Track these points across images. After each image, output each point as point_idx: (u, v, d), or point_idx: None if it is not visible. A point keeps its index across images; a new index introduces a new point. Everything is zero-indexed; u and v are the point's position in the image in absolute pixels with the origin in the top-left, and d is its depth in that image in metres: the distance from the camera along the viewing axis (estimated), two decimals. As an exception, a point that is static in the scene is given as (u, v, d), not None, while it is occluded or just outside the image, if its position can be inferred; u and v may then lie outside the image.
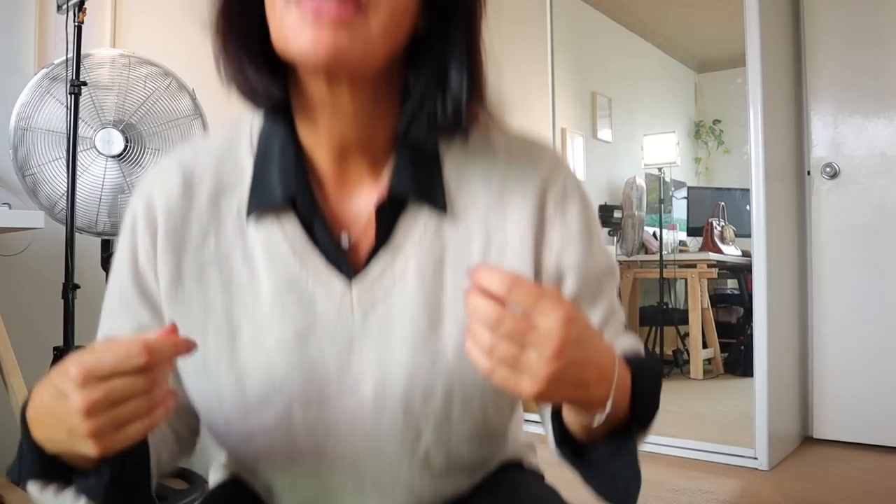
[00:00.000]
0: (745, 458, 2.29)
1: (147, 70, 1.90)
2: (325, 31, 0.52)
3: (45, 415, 0.50)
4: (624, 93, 4.71)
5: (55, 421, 0.49)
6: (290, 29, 0.54)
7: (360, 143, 0.61)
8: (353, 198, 0.63)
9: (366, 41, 0.54)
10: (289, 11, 0.54)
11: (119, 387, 0.47)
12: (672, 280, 4.38)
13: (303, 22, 0.53)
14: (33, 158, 1.75)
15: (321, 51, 0.52)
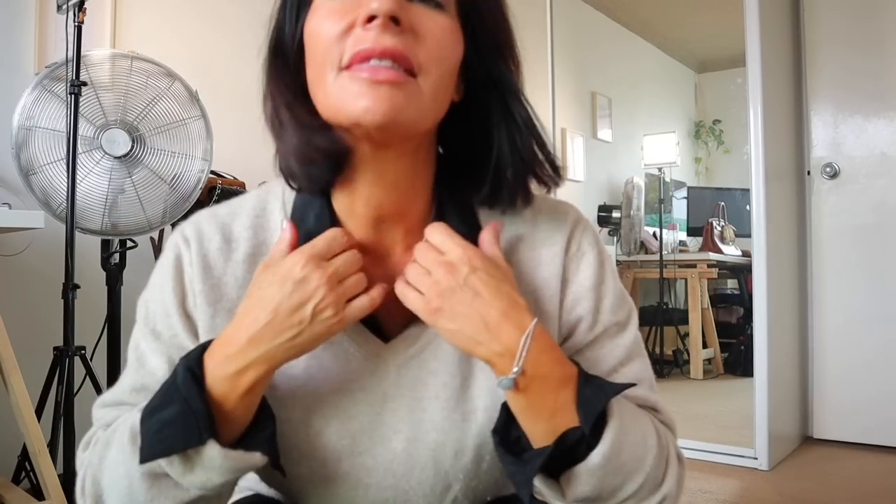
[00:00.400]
0: (745, 458, 2.29)
1: (151, 70, 1.90)
2: (381, 92, 0.54)
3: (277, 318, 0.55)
4: (624, 93, 4.71)
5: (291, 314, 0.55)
6: (345, 96, 0.55)
7: (396, 212, 0.63)
8: (385, 265, 0.64)
9: (419, 102, 0.56)
10: (341, 79, 0.55)
11: (341, 262, 0.57)
12: (672, 280, 4.38)
13: (359, 87, 0.54)
14: (36, 158, 1.75)
15: (379, 112, 0.54)
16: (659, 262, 4.10)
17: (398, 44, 0.54)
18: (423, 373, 0.63)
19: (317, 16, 0.57)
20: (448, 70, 0.58)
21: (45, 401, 1.72)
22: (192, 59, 2.43)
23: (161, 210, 1.91)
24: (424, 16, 0.56)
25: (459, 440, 0.62)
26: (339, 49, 0.55)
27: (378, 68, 0.54)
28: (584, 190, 4.25)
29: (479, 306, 0.56)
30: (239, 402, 0.56)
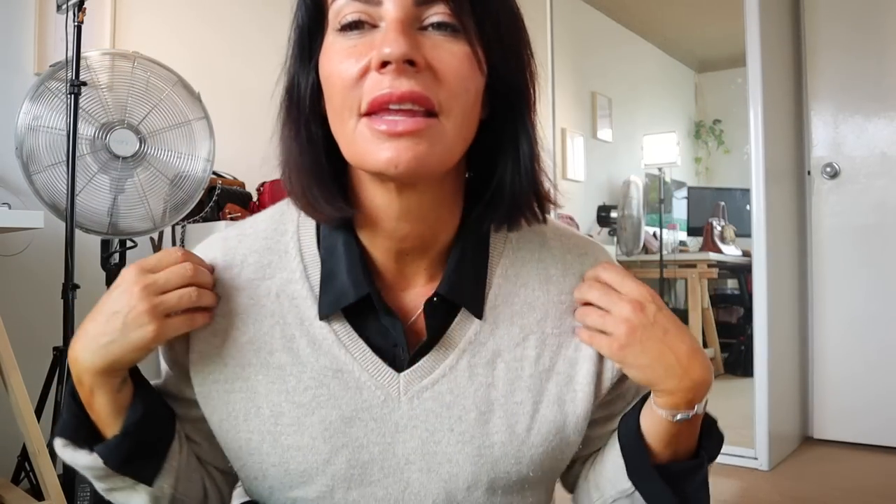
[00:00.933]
0: (745, 458, 2.29)
1: (155, 71, 1.90)
2: (402, 143, 0.52)
3: (98, 321, 0.57)
4: (624, 93, 4.70)
5: (107, 321, 0.56)
6: (365, 146, 0.54)
7: (420, 246, 0.62)
8: (406, 294, 0.64)
9: (443, 145, 0.54)
10: (361, 127, 0.54)
11: (164, 275, 0.57)
12: (672, 280, 4.37)
13: (379, 139, 0.53)
14: (41, 159, 1.75)
15: (402, 164, 0.52)
16: (659, 262, 4.10)
17: (415, 86, 0.52)
18: (437, 405, 0.61)
19: (331, 57, 0.56)
20: (471, 102, 0.56)
21: (45, 401, 1.72)
22: (192, 59, 2.43)
23: (164, 210, 1.91)
24: (441, 48, 0.54)
25: (474, 474, 0.62)
26: (356, 94, 0.54)
27: (397, 120, 0.52)
28: (584, 190, 4.25)
29: (671, 342, 0.60)
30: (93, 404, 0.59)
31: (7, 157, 2.03)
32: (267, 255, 0.64)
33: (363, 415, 0.61)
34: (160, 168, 1.89)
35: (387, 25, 0.53)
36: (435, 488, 0.61)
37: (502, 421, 0.62)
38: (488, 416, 0.62)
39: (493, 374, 0.62)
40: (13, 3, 2.08)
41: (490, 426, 0.62)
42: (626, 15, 4.62)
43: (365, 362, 0.61)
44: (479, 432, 0.62)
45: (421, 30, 0.54)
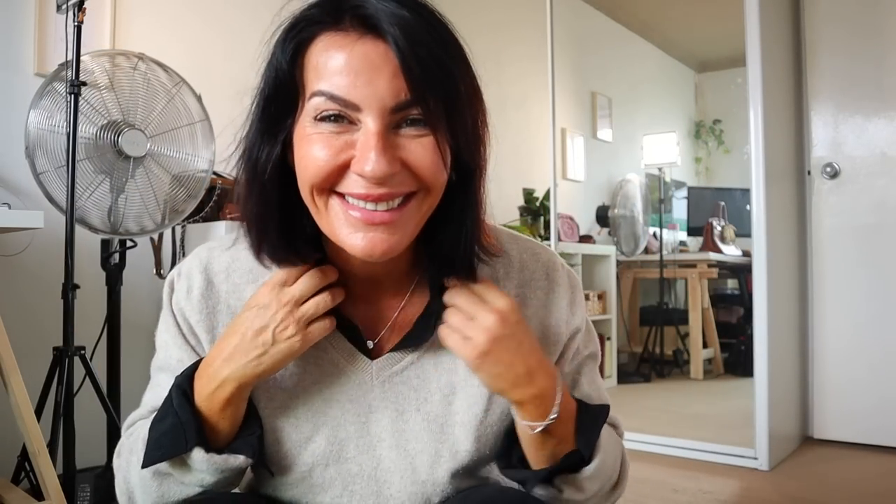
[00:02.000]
0: (745, 458, 2.29)
1: (159, 72, 1.91)
2: (378, 235, 0.59)
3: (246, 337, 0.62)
4: (624, 93, 4.70)
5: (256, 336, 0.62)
6: (339, 227, 0.60)
7: (385, 272, 0.69)
8: (373, 307, 0.71)
9: (413, 224, 0.61)
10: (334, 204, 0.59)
11: (299, 287, 0.63)
12: (672, 280, 4.37)
13: (354, 225, 0.59)
14: (49, 160, 1.75)
15: (377, 254, 0.59)
16: (659, 262, 4.10)
17: (392, 187, 0.58)
18: (405, 388, 0.69)
19: (310, 143, 0.58)
20: (442, 183, 0.61)
21: (45, 401, 1.72)
22: (192, 60, 2.43)
23: (165, 210, 1.91)
24: (415, 142, 0.58)
25: (437, 450, 0.69)
26: (332, 179, 0.58)
27: (374, 212, 0.58)
28: (584, 190, 4.25)
29: (524, 354, 0.63)
30: (220, 414, 0.64)
31: (7, 157, 2.03)
32: (249, 262, 0.70)
33: (341, 396, 0.68)
34: (162, 168, 1.90)
35: (366, 138, 0.56)
36: (403, 464, 0.68)
37: (462, 402, 0.69)
38: (451, 398, 0.69)
39: (455, 362, 0.69)
40: (13, 3, 2.08)
41: (452, 407, 0.69)
42: (626, 15, 4.62)
43: (343, 351, 0.69)
44: (443, 412, 0.69)
45: (395, 127, 0.58)
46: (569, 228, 3.72)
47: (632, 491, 2.04)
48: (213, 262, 0.71)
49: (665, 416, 2.96)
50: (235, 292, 0.70)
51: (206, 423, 0.64)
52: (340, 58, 0.56)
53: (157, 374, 0.73)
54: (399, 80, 0.56)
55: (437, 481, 0.69)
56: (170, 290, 0.72)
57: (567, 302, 0.74)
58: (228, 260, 0.71)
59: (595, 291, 3.75)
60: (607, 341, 3.75)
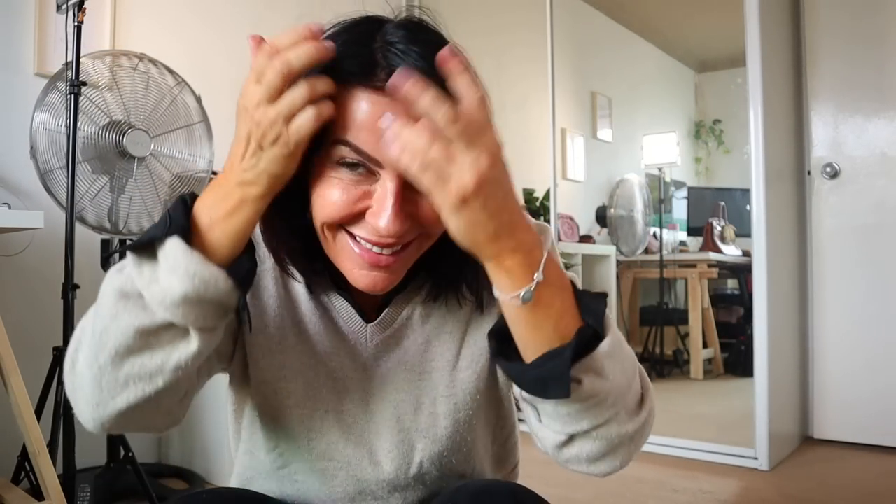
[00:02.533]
0: (745, 458, 2.29)
1: (160, 73, 1.91)
2: (381, 275, 0.61)
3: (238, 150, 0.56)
4: (624, 93, 4.70)
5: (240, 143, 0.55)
6: (346, 263, 0.62)
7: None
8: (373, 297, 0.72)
9: (412, 259, 0.64)
10: (343, 238, 0.61)
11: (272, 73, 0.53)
12: (672, 280, 4.37)
13: (359, 263, 0.61)
14: (52, 160, 1.75)
15: (378, 289, 0.62)
16: (659, 262, 4.10)
17: (401, 237, 0.60)
18: (393, 346, 0.74)
19: (329, 184, 0.59)
20: (443, 229, 0.58)
21: (45, 401, 1.72)
22: (192, 60, 2.43)
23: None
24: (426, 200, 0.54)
25: (417, 396, 0.73)
26: (345, 218, 0.60)
27: (379, 256, 0.60)
28: (583, 190, 4.25)
29: (510, 202, 0.54)
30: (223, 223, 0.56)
31: (7, 157, 2.03)
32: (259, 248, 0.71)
33: (340, 351, 0.73)
34: (162, 168, 1.90)
35: (385, 196, 0.57)
36: (388, 414, 0.73)
37: (436, 350, 0.74)
38: (426, 346, 0.74)
39: (434, 314, 0.74)
40: (13, 4, 2.08)
41: (427, 355, 0.74)
42: (626, 15, 4.62)
43: (342, 311, 0.73)
44: (419, 360, 0.74)
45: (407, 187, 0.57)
46: (569, 228, 3.72)
47: (632, 491, 2.04)
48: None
49: (665, 416, 2.95)
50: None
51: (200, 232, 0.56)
52: (370, 113, 0.56)
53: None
54: None
55: (420, 428, 0.73)
56: None
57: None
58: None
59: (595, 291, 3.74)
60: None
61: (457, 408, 0.73)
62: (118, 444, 1.89)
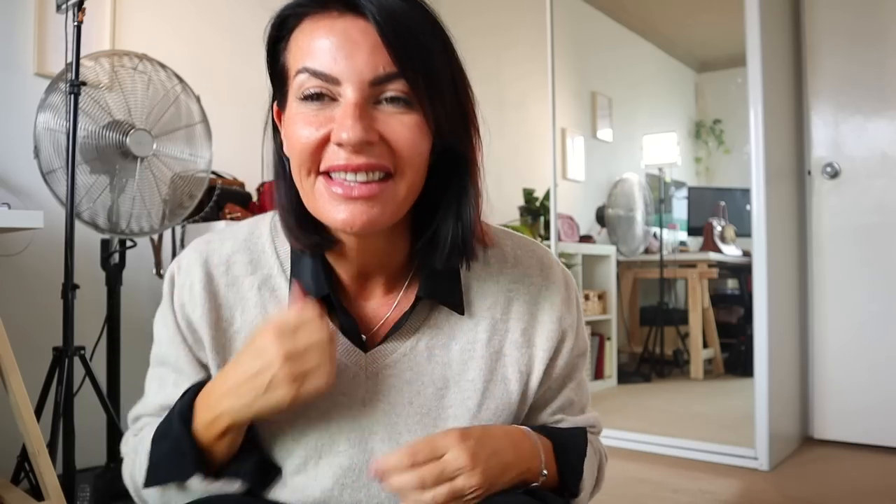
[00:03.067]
0: (745, 458, 2.29)
1: (160, 74, 1.91)
2: (358, 207, 0.59)
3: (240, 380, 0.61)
4: (624, 93, 4.70)
5: (251, 379, 0.60)
6: (323, 204, 0.61)
7: (378, 268, 0.70)
8: (368, 304, 0.72)
9: (394, 204, 0.61)
10: (319, 184, 0.61)
11: (304, 338, 0.60)
12: (672, 280, 4.37)
13: (335, 200, 0.60)
14: (54, 160, 1.74)
15: (357, 225, 0.60)
16: (659, 262, 4.10)
17: (370, 158, 0.59)
18: (398, 381, 0.69)
19: (294, 122, 0.61)
20: (421, 163, 0.62)
21: (45, 401, 1.72)
22: (192, 59, 2.43)
23: (164, 211, 1.91)
24: (395, 119, 0.60)
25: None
26: (314, 158, 0.60)
27: (353, 185, 0.59)
28: (584, 190, 4.25)
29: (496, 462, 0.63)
30: (217, 442, 0.64)
31: (7, 157, 2.03)
32: (248, 255, 0.71)
33: (333, 390, 0.65)
34: (162, 169, 1.90)
35: (344, 108, 0.59)
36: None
37: (456, 396, 0.69)
38: (444, 391, 0.69)
39: (448, 356, 0.70)
40: (13, 4, 2.08)
41: (445, 401, 0.69)
42: (626, 15, 4.62)
43: (338, 344, 0.68)
44: (435, 406, 0.69)
45: (376, 103, 0.60)
46: (569, 228, 3.72)
47: (632, 491, 2.04)
48: (212, 255, 0.72)
49: (665, 416, 2.96)
50: (234, 285, 0.70)
51: (204, 448, 0.65)
52: (322, 35, 0.59)
53: (157, 367, 0.74)
54: (378, 55, 0.58)
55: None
56: (170, 285, 0.72)
57: (561, 298, 0.74)
58: (228, 252, 0.72)
59: (595, 291, 3.75)
60: (607, 341, 3.74)
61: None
62: (118, 444, 1.88)
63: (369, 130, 0.58)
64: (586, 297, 3.65)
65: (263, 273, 0.71)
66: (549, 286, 0.74)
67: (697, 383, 3.85)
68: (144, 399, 0.75)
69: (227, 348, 0.70)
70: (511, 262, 0.74)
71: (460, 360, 0.70)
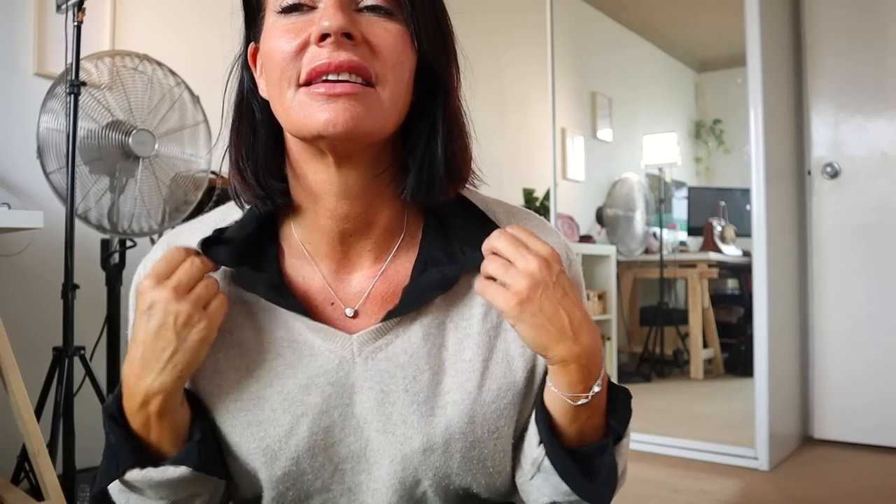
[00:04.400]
0: (745, 458, 2.29)
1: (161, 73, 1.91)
2: (340, 105, 0.56)
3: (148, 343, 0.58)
4: (624, 93, 4.70)
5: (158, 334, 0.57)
6: (305, 111, 0.57)
7: (364, 224, 0.64)
8: (352, 277, 0.66)
9: (378, 110, 0.57)
10: (300, 96, 0.57)
11: (184, 273, 0.58)
12: (672, 280, 4.37)
13: (317, 101, 0.56)
14: (57, 159, 1.74)
15: (340, 123, 0.55)
16: (659, 262, 4.10)
17: (353, 56, 0.56)
18: (391, 365, 0.63)
19: (271, 35, 0.59)
20: (405, 76, 0.60)
21: (45, 401, 1.72)
22: (192, 59, 2.43)
23: (164, 211, 1.91)
24: (377, 25, 0.58)
25: (428, 435, 0.62)
26: (295, 66, 0.57)
27: (335, 83, 0.55)
28: (584, 190, 4.25)
29: (567, 305, 0.59)
30: (156, 428, 0.60)
31: (7, 157, 2.03)
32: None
33: (319, 380, 0.62)
34: (162, 168, 1.90)
35: (325, 4, 0.57)
36: (391, 449, 0.62)
37: (454, 380, 0.63)
38: (440, 375, 0.63)
39: (443, 335, 0.64)
40: (13, 4, 2.08)
41: (442, 386, 0.63)
42: (626, 15, 4.62)
43: (317, 329, 0.63)
44: (433, 392, 0.63)
45: (357, 11, 0.58)
46: (569, 228, 3.72)
47: (632, 491, 2.04)
48: (177, 243, 0.67)
49: (665, 416, 2.96)
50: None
51: (144, 440, 0.61)
52: None
53: None
54: None
55: (429, 466, 0.63)
56: (136, 280, 0.68)
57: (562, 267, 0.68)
58: (192, 242, 0.67)
59: (595, 291, 3.75)
60: (607, 341, 3.74)
61: (475, 440, 0.64)
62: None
63: (351, 23, 0.56)
64: (587, 298, 3.65)
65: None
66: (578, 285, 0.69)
67: (697, 383, 3.85)
68: None
69: None
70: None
71: (455, 339, 0.64)
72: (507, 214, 0.70)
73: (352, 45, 0.56)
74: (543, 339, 0.58)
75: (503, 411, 0.64)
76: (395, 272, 0.65)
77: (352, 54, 0.56)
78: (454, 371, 0.63)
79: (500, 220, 0.68)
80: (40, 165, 1.73)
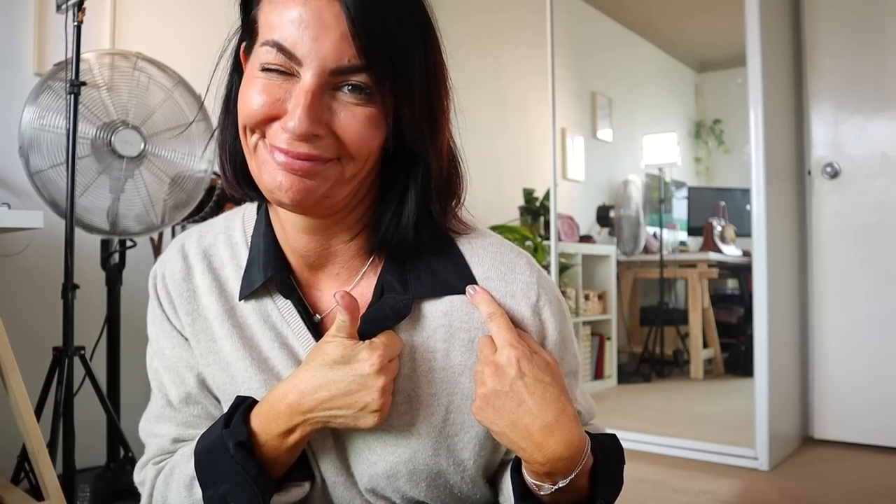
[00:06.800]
0: (745, 458, 2.29)
1: (156, 72, 1.91)
2: (295, 178, 0.57)
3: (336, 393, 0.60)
4: (624, 93, 4.70)
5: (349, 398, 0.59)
6: (263, 166, 0.58)
7: (324, 257, 0.66)
8: (322, 294, 0.68)
9: (334, 182, 0.59)
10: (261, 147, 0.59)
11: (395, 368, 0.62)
12: (672, 280, 4.37)
13: (275, 166, 0.57)
14: (44, 159, 1.74)
15: (290, 193, 0.57)
16: (659, 262, 4.10)
17: (312, 150, 0.56)
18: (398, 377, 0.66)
19: (249, 86, 0.59)
20: (369, 154, 0.59)
21: (45, 401, 1.72)
22: (192, 59, 2.43)
23: (164, 210, 1.91)
24: (348, 112, 0.57)
25: (392, 464, 0.65)
26: (261, 127, 0.58)
27: (294, 160, 0.57)
28: (584, 190, 4.25)
29: (524, 415, 0.58)
30: (286, 454, 0.62)
31: (7, 157, 2.03)
32: (224, 248, 0.71)
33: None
34: (161, 168, 1.90)
35: (297, 95, 0.56)
36: (359, 468, 0.66)
37: (419, 412, 0.64)
38: (407, 406, 0.64)
39: (412, 366, 0.65)
40: (13, 3, 2.08)
41: (408, 417, 0.64)
42: (626, 15, 4.62)
43: (302, 339, 0.66)
44: (398, 422, 0.64)
45: (335, 89, 0.57)
46: (569, 228, 3.72)
47: (632, 491, 2.04)
48: (192, 246, 0.72)
49: (665, 416, 2.96)
50: (211, 273, 0.70)
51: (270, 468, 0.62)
52: (293, 10, 0.56)
53: (158, 365, 0.71)
54: (346, 45, 0.55)
55: (395, 488, 0.66)
56: (153, 279, 0.72)
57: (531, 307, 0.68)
58: (207, 244, 0.72)
59: (595, 291, 3.75)
60: (607, 341, 3.75)
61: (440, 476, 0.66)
62: (118, 444, 1.89)
63: (317, 124, 0.56)
64: (586, 298, 3.65)
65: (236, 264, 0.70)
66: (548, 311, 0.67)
67: (697, 383, 3.85)
68: (154, 404, 0.72)
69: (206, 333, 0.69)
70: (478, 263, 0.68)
71: (421, 371, 0.65)
72: (491, 266, 0.67)
73: (314, 138, 0.56)
74: (506, 443, 0.60)
75: (467, 445, 0.65)
76: (359, 294, 0.66)
77: (311, 148, 0.56)
78: (419, 404, 0.64)
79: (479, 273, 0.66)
80: (23, 164, 1.72)
